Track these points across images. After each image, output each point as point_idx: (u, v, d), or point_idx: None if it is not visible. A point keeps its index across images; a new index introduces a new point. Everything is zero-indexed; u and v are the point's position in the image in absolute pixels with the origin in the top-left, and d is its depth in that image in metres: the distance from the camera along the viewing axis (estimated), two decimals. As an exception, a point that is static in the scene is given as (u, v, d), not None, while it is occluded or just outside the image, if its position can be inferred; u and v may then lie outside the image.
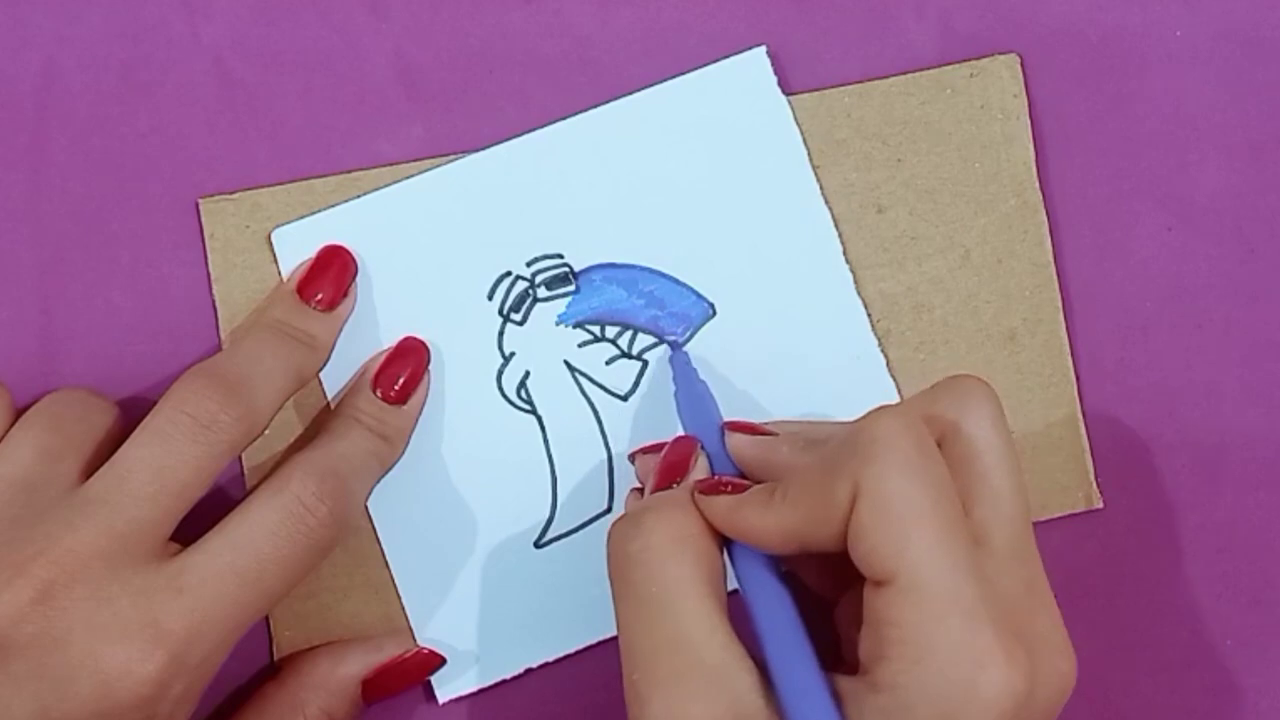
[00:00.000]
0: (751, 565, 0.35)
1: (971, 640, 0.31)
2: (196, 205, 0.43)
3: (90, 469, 0.38)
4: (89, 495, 0.36)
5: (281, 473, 0.38)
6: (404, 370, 0.41)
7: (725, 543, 0.36)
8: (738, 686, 0.33)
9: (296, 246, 0.42)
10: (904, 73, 0.44)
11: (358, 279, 0.42)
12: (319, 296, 0.41)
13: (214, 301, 0.42)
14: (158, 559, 0.36)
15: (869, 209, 0.43)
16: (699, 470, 0.38)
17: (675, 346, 0.43)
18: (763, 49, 0.43)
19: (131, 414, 0.40)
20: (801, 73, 0.44)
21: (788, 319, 0.42)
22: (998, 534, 0.33)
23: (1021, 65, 0.44)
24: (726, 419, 0.40)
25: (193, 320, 0.43)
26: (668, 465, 0.38)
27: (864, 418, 0.34)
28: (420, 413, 0.42)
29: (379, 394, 0.41)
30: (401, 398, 0.41)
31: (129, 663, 0.35)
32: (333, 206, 0.42)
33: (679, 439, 0.39)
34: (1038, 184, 0.44)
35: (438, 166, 0.43)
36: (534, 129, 0.43)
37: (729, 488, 0.36)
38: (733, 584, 0.35)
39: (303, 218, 0.42)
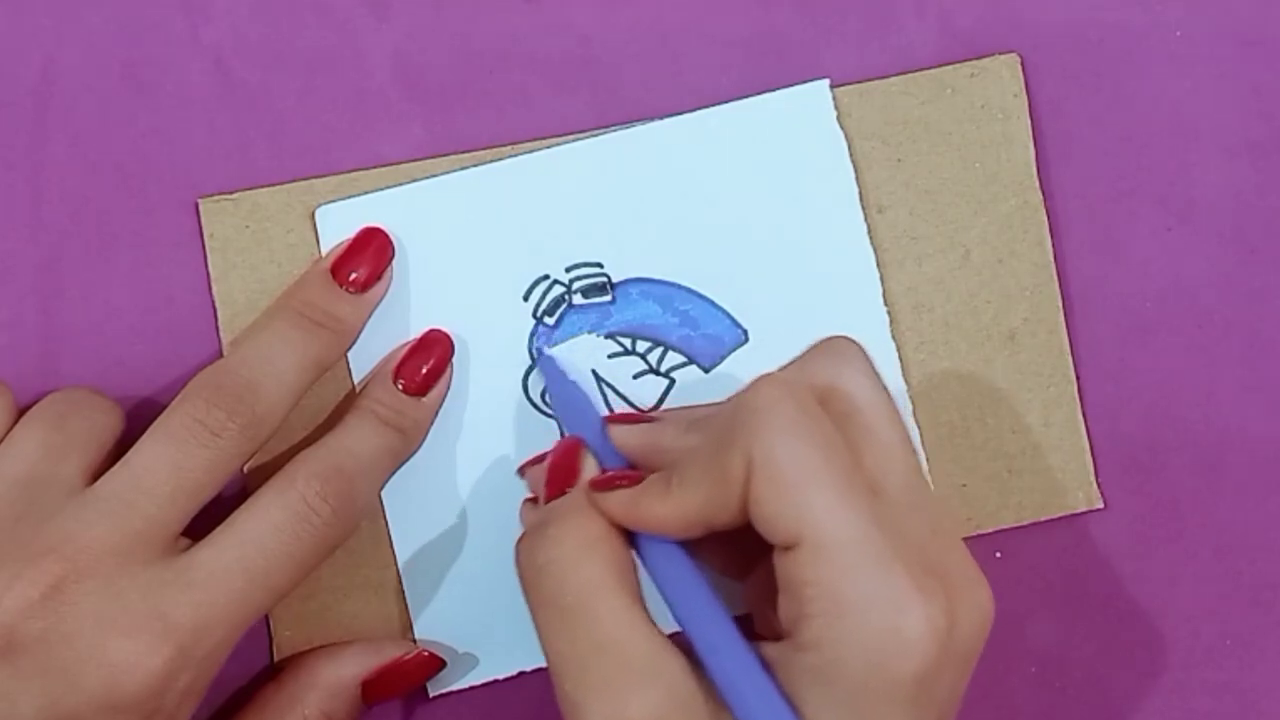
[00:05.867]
0: (659, 554, 0.35)
1: (887, 586, 0.32)
2: (196, 205, 0.43)
3: (93, 469, 0.38)
4: (103, 493, 0.36)
5: (288, 470, 0.38)
6: (427, 361, 0.41)
7: (630, 536, 0.36)
8: (669, 676, 0.33)
9: (339, 226, 0.42)
10: (904, 73, 0.44)
11: (395, 265, 0.42)
12: (353, 276, 0.41)
13: (214, 301, 0.42)
14: (168, 554, 0.36)
15: (869, 209, 0.43)
16: (588, 470, 0.38)
17: (540, 353, 0.42)
18: (825, 82, 0.43)
19: (132, 414, 0.41)
20: (801, 72, 0.44)
21: None
22: (892, 482, 0.34)
23: (1021, 65, 0.44)
24: (605, 414, 0.40)
25: (193, 320, 0.43)
26: (556, 470, 0.38)
27: (743, 390, 0.34)
28: (440, 406, 0.42)
29: (400, 385, 0.41)
30: (423, 389, 0.41)
31: (136, 655, 0.35)
32: (379, 190, 0.42)
33: (562, 441, 0.39)
34: (1038, 184, 0.44)
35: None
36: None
37: (624, 481, 0.36)
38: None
39: (348, 198, 0.42)
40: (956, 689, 0.33)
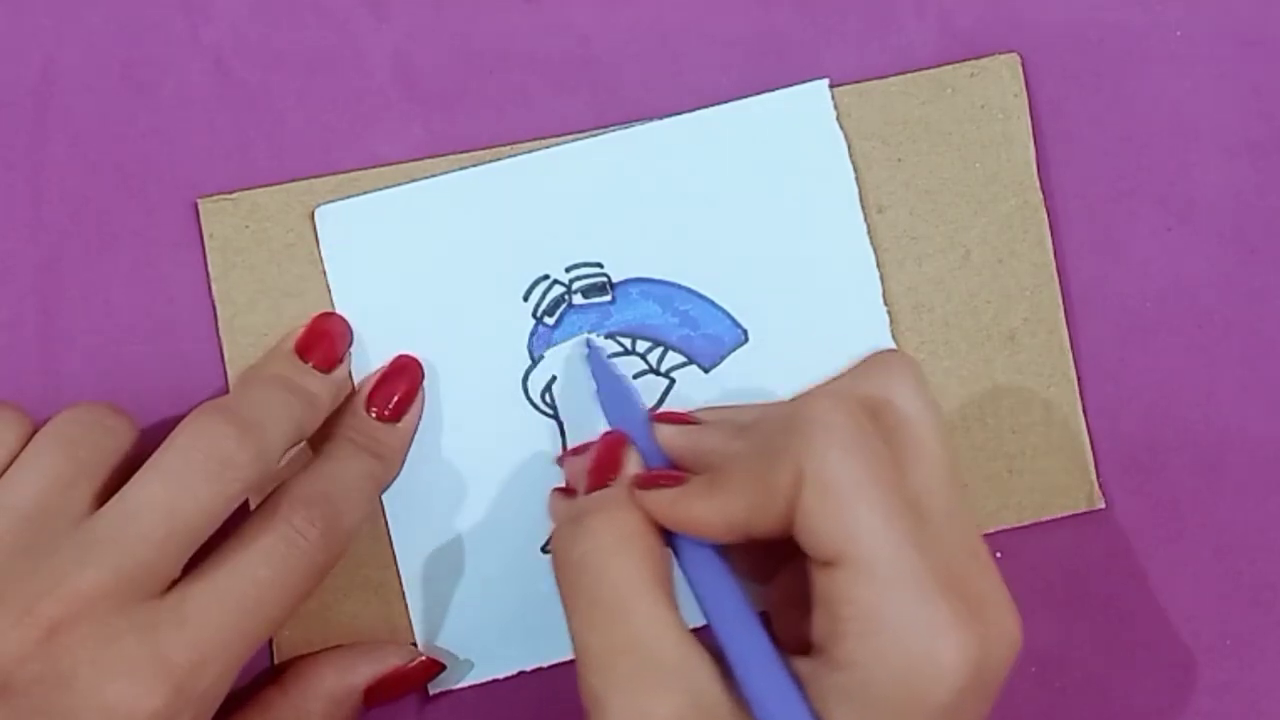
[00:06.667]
0: (696, 556, 0.35)
1: (925, 612, 0.32)
2: (196, 205, 0.43)
3: (103, 493, 0.37)
4: (96, 534, 0.35)
5: (272, 499, 0.38)
6: (398, 389, 0.41)
7: (667, 536, 0.36)
8: (696, 680, 0.33)
9: (338, 226, 0.42)
10: (904, 73, 0.44)
11: (395, 264, 0.42)
12: (316, 357, 0.41)
13: (213, 301, 0.42)
14: (163, 593, 0.36)
15: (869, 209, 0.43)
16: (632, 465, 0.38)
17: (589, 345, 0.42)
18: (825, 82, 0.43)
19: (132, 415, 0.40)
20: (801, 72, 0.44)
21: (818, 354, 0.40)
22: (935, 502, 0.34)
23: (1021, 65, 0.44)
24: (652, 411, 0.40)
25: (192, 320, 0.43)
26: (600, 463, 0.38)
27: (797, 400, 0.34)
28: (416, 429, 0.42)
29: (373, 414, 0.41)
30: (395, 416, 0.41)
31: (135, 698, 0.34)
32: (379, 190, 0.43)
33: (607, 435, 0.39)
34: (1038, 184, 0.44)
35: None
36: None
37: (667, 480, 0.36)
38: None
39: (348, 197, 0.42)
40: (980, 715, 0.33)
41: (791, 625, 0.35)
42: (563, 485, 0.41)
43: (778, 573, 0.37)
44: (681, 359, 0.43)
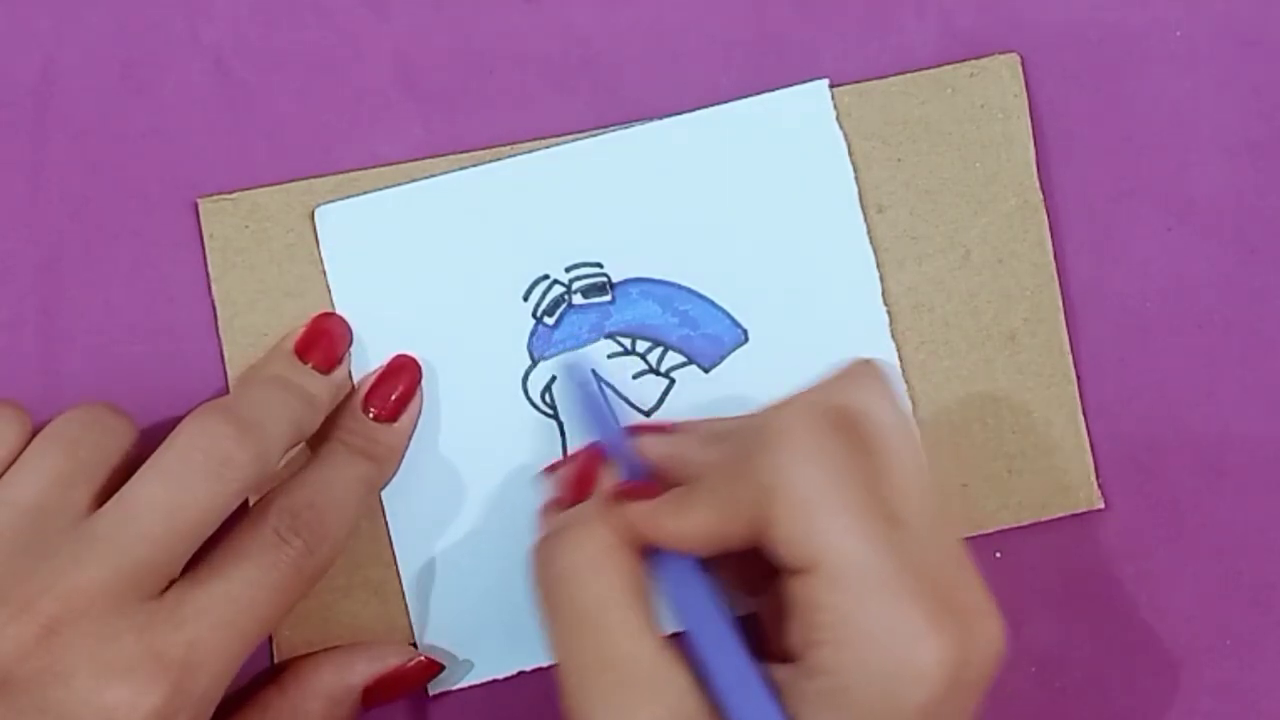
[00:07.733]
0: (673, 568, 0.36)
1: (899, 616, 0.32)
2: (196, 205, 0.43)
3: (103, 494, 0.37)
4: (96, 532, 0.35)
5: (261, 504, 0.38)
6: (396, 388, 0.41)
7: (646, 547, 0.36)
8: (675, 691, 0.33)
9: (338, 226, 0.42)
10: (904, 72, 0.44)
11: (395, 264, 0.42)
12: (314, 360, 0.41)
13: (213, 301, 0.42)
14: (161, 593, 0.36)
15: (869, 209, 0.43)
16: (607, 479, 0.38)
17: (568, 360, 0.42)
18: (824, 82, 0.43)
19: (132, 415, 0.40)
20: (801, 72, 0.44)
21: (818, 354, 0.40)
22: (910, 510, 0.34)
23: (1021, 65, 0.44)
24: (630, 423, 0.40)
25: (192, 320, 0.43)
26: (577, 477, 0.38)
27: (765, 411, 0.35)
28: (414, 429, 0.42)
29: (371, 413, 0.41)
30: (394, 415, 0.41)
31: (133, 697, 0.34)
32: (379, 190, 0.43)
33: (584, 449, 0.39)
34: (1038, 184, 0.44)
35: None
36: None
37: (641, 493, 0.36)
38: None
39: (348, 197, 0.42)
40: (964, 718, 0.33)
41: (784, 635, 0.35)
42: (551, 498, 0.41)
43: (770, 583, 0.38)
44: (681, 359, 0.43)
